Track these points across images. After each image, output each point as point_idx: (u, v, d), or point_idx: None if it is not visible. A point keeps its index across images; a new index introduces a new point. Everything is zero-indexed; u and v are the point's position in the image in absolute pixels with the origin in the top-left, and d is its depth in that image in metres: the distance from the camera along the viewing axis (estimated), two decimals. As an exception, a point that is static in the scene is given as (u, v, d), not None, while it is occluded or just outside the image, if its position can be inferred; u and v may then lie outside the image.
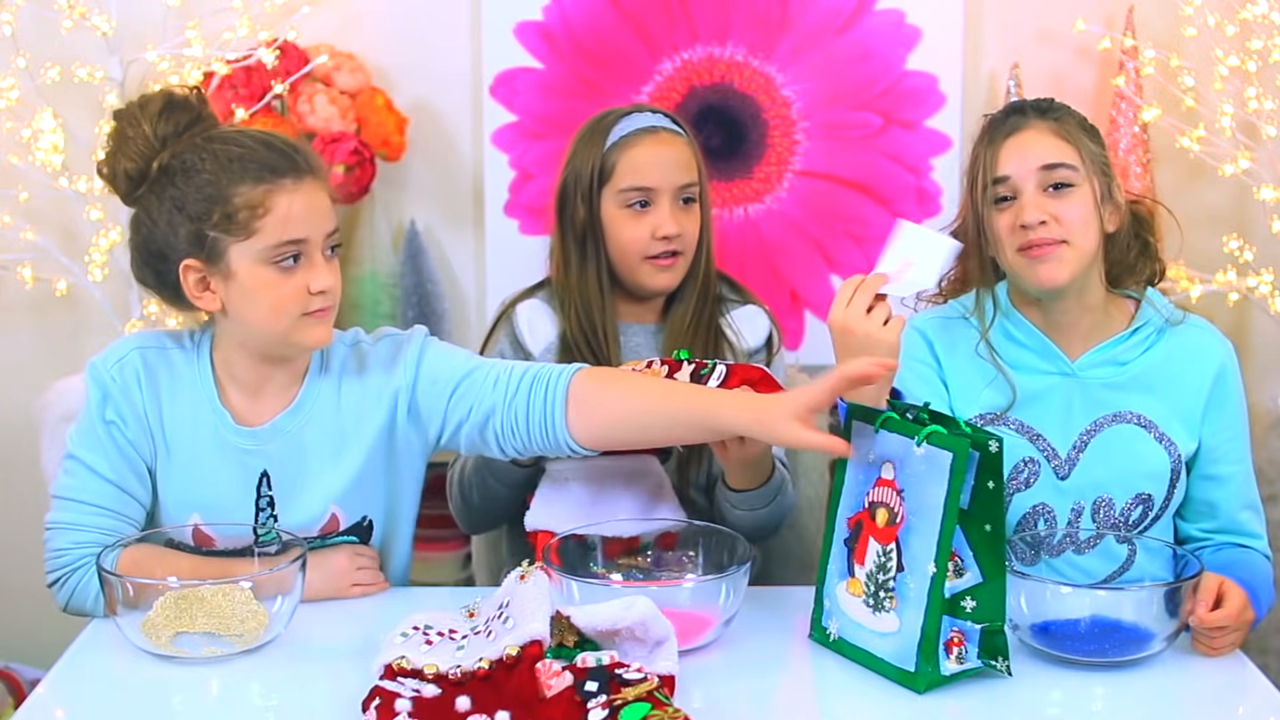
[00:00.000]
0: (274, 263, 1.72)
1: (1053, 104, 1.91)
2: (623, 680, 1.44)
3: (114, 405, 1.80)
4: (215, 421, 1.82)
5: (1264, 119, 2.70)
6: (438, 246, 2.95)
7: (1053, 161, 1.84)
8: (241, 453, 1.82)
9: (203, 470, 1.82)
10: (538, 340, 2.10)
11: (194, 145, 1.73)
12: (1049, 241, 1.83)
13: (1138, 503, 1.88)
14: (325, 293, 1.74)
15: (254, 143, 1.74)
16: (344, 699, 1.55)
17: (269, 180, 1.71)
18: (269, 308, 1.73)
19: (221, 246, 1.71)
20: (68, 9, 2.68)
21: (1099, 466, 1.87)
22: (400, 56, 2.89)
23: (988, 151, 1.87)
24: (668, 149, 2.07)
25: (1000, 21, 2.88)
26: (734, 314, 2.14)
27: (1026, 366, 1.90)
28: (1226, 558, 1.86)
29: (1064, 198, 1.84)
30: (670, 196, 2.06)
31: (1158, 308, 1.91)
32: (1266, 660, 2.69)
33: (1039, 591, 1.66)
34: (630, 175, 2.05)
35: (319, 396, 1.84)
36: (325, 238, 1.75)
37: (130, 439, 1.81)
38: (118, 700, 1.61)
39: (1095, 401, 1.88)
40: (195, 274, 1.74)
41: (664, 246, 2.05)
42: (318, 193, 1.75)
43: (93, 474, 1.80)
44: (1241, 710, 1.64)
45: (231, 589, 1.67)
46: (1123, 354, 1.89)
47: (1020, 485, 1.88)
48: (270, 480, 1.83)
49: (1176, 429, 1.88)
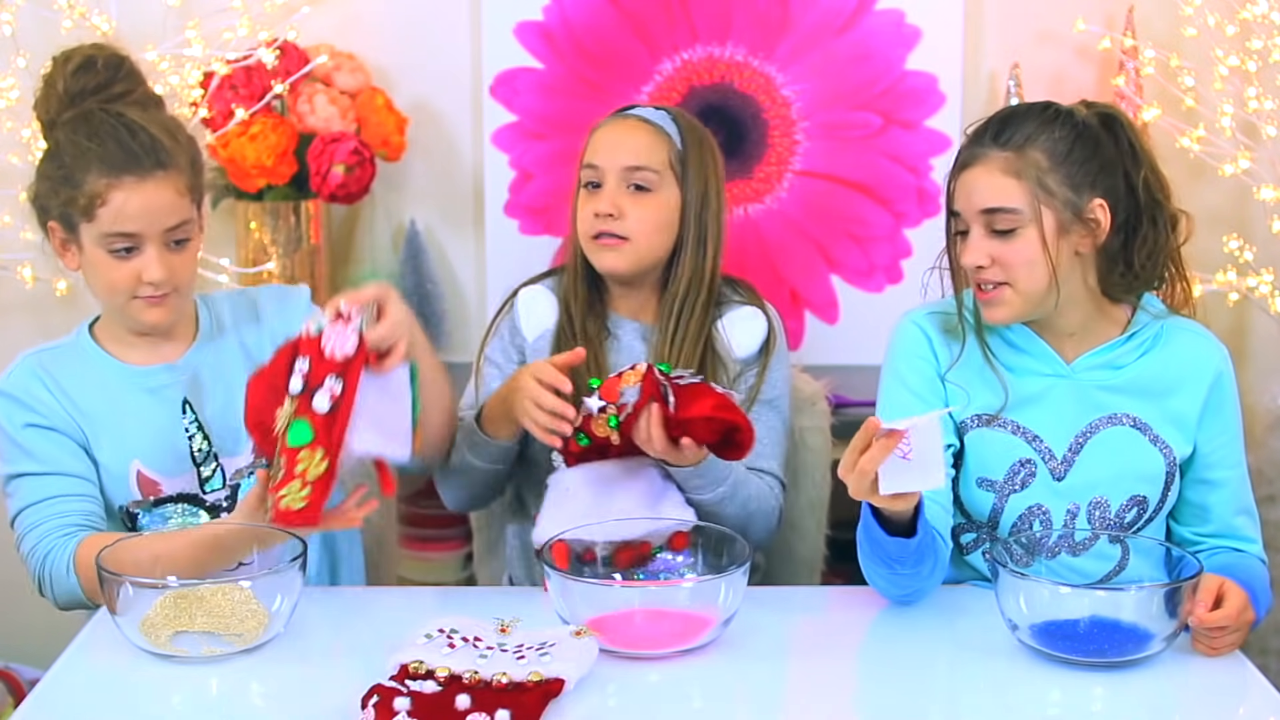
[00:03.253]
0: (108, 248, 1.85)
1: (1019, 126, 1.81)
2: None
3: (24, 408, 1.88)
4: (121, 378, 1.93)
5: (1264, 119, 2.70)
6: (438, 246, 2.95)
7: (992, 206, 1.80)
8: (155, 390, 1.93)
9: (128, 420, 1.91)
10: (533, 326, 2.10)
11: (75, 121, 1.85)
12: (991, 283, 1.82)
13: (1132, 504, 1.88)
14: (154, 283, 1.85)
15: (114, 134, 1.83)
16: (344, 699, 1.55)
17: (110, 175, 1.82)
18: (105, 285, 1.88)
19: (75, 222, 1.86)
20: (68, 9, 2.68)
21: (1095, 468, 1.87)
22: (400, 56, 2.89)
23: (949, 180, 1.86)
24: (626, 133, 2.05)
25: (1000, 21, 2.87)
26: (729, 317, 2.09)
27: (1023, 369, 1.89)
28: (1223, 561, 1.85)
29: (1007, 241, 1.80)
30: (616, 177, 2.03)
31: (1150, 311, 1.90)
32: (1266, 660, 2.69)
33: (1038, 592, 1.66)
34: (589, 153, 2.06)
35: (223, 334, 1.99)
36: (164, 232, 1.85)
37: (54, 427, 1.88)
38: (117, 700, 1.61)
39: (1091, 403, 1.87)
40: (58, 236, 1.90)
41: (601, 225, 2.02)
42: (162, 190, 1.84)
43: (30, 478, 1.87)
44: (1241, 710, 1.64)
45: (231, 589, 1.67)
46: (1119, 358, 1.88)
47: (1016, 486, 1.88)
48: (192, 406, 1.93)
49: (1171, 433, 1.88)
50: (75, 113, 1.86)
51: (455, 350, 2.96)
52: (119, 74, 1.89)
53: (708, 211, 2.07)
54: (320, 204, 2.80)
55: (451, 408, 2.01)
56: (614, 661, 1.67)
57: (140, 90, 1.92)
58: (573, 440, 1.87)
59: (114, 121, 1.84)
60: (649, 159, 2.04)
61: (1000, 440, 1.88)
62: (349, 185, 2.70)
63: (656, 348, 2.08)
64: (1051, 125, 1.81)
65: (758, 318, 2.10)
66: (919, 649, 1.63)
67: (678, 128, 2.08)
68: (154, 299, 1.87)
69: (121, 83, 1.89)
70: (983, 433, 1.88)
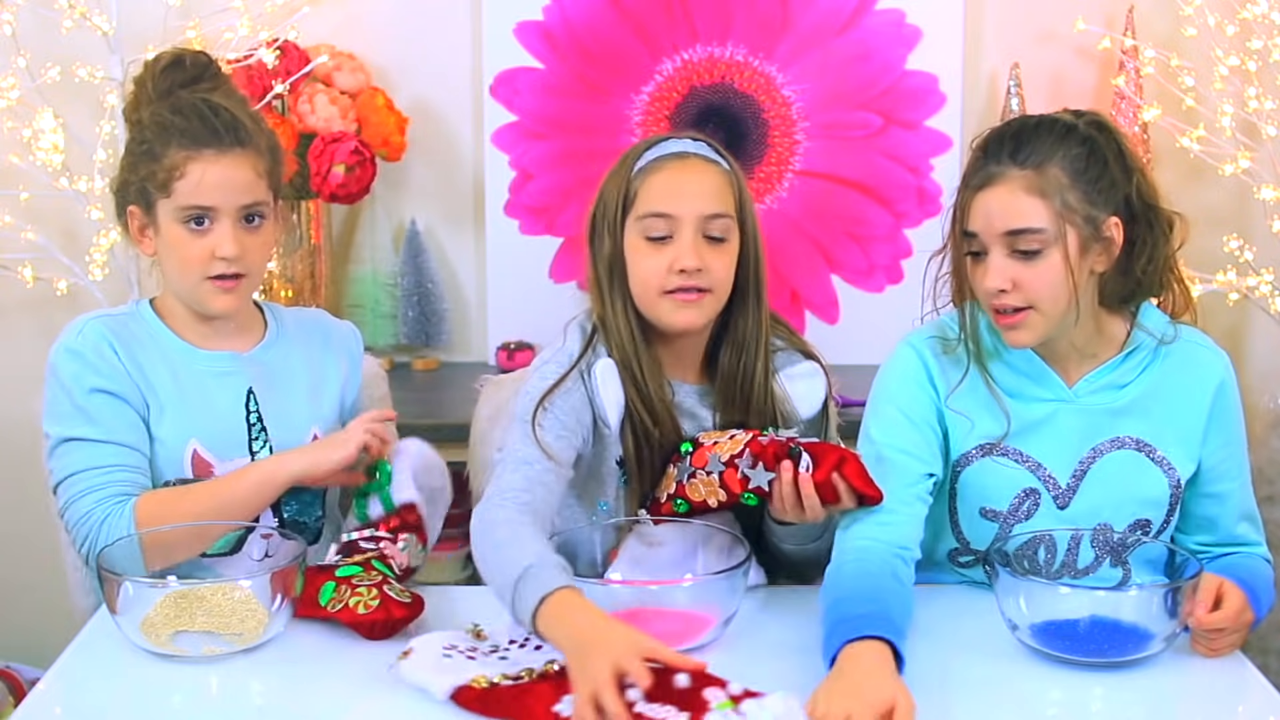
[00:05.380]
0: (185, 223, 1.86)
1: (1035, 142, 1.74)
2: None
3: (94, 371, 1.87)
4: (187, 358, 1.93)
5: (1264, 119, 2.70)
6: (438, 246, 2.95)
7: (1018, 227, 1.72)
8: (221, 375, 1.93)
9: (193, 399, 1.91)
10: (613, 406, 1.86)
11: (160, 104, 1.88)
12: (1012, 309, 1.75)
13: (1136, 528, 1.84)
14: (229, 260, 1.86)
15: (196, 111, 1.86)
16: (344, 699, 1.55)
17: (189, 148, 1.85)
18: (179, 262, 1.88)
19: (153, 200, 1.87)
20: (68, 9, 2.68)
21: (1098, 493, 1.83)
22: (400, 56, 2.89)
23: (962, 196, 1.77)
24: (696, 175, 1.86)
25: (1000, 21, 2.88)
26: (787, 373, 1.94)
27: (1024, 394, 1.84)
28: (1227, 562, 1.83)
29: (1031, 263, 1.73)
30: (693, 227, 1.83)
31: (1149, 329, 1.84)
32: (1266, 660, 2.69)
33: (1039, 592, 1.66)
34: (650, 201, 1.85)
35: (288, 339, 2.01)
36: (239, 208, 1.86)
37: (120, 394, 1.88)
38: (118, 699, 1.61)
39: (1094, 427, 1.83)
40: (137, 221, 1.91)
41: (682, 281, 1.83)
42: (239, 166, 1.86)
43: (87, 444, 1.86)
44: (1241, 710, 1.64)
45: (231, 588, 1.67)
46: (1120, 377, 1.83)
47: (1021, 517, 1.84)
48: (256, 397, 1.94)
49: (1176, 451, 1.83)
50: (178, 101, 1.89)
51: (455, 350, 2.97)
52: (206, 72, 1.93)
53: (757, 253, 1.92)
54: (321, 204, 2.80)
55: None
56: (614, 661, 1.67)
57: (227, 86, 1.95)
58: (668, 503, 1.84)
59: (198, 101, 1.88)
60: (723, 205, 1.86)
61: (1003, 470, 1.83)
62: (349, 185, 2.70)
63: (717, 407, 1.94)
64: (1066, 141, 1.74)
65: (817, 374, 1.95)
66: (919, 649, 1.63)
67: (730, 166, 1.91)
68: (225, 283, 1.87)
69: (209, 81, 1.92)
70: (985, 463, 1.84)
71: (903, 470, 1.80)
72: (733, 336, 1.91)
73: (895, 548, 1.74)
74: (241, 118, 1.88)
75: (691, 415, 1.92)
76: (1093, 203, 1.74)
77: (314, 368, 2.01)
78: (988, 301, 1.77)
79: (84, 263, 2.76)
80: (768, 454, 1.74)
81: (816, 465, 1.72)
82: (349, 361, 2.06)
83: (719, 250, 1.86)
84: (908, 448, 1.82)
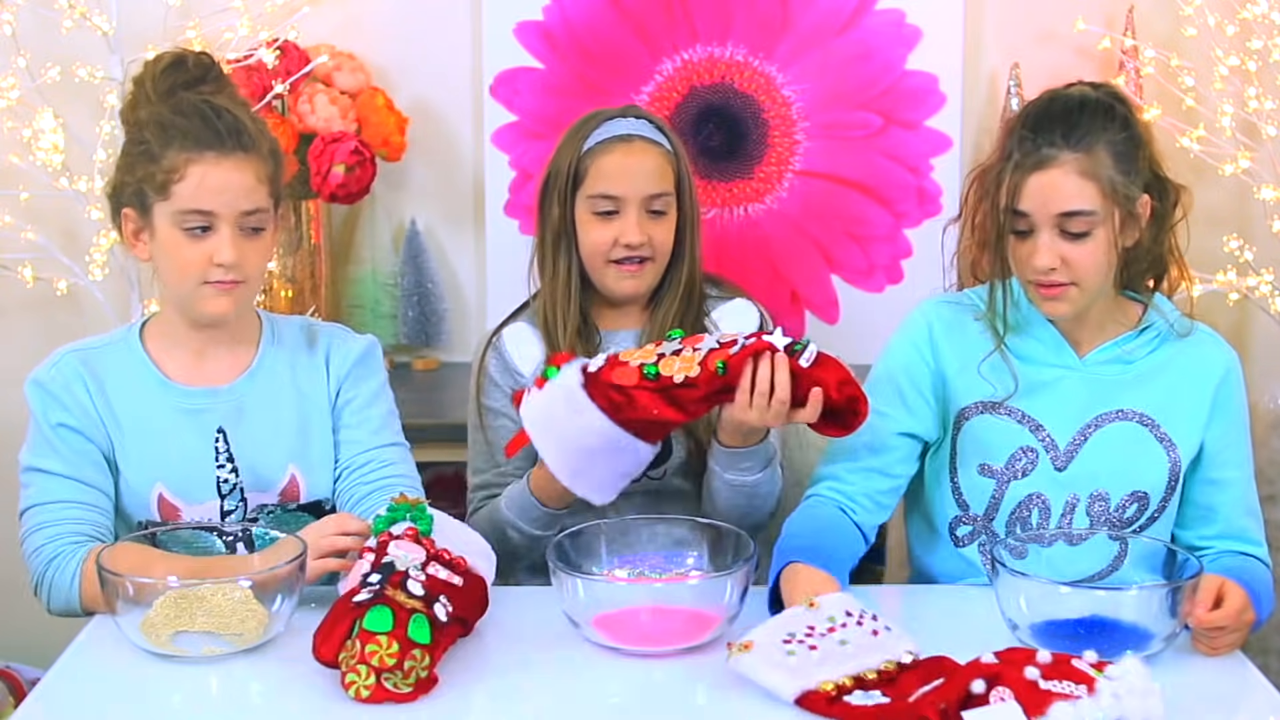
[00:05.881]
0: (183, 228, 1.82)
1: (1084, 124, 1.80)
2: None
3: (60, 406, 1.86)
4: (161, 394, 1.89)
5: (1264, 119, 2.70)
6: (438, 246, 2.95)
7: (1072, 209, 1.79)
8: (192, 413, 1.89)
9: (158, 441, 1.88)
10: (526, 362, 2.11)
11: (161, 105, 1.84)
12: (1058, 284, 1.82)
13: (1133, 500, 1.88)
14: (226, 266, 1.82)
15: (198, 112, 1.82)
16: (344, 699, 1.55)
17: (191, 150, 1.80)
18: (176, 268, 1.84)
19: (150, 203, 1.83)
20: (68, 9, 2.68)
21: (1097, 461, 1.87)
22: (400, 56, 2.89)
23: (1012, 177, 1.81)
24: (640, 159, 2.07)
25: (1000, 21, 2.88)
26: (718, 310, 2.14)
27: (1034, 358, 1.89)
28: (1227, 564, 1.85)
29: (1079, 243, 1.80)
30: (637, 206, 2.06)
31: (1165, 314, 1.90)
32: (1267, 660, 2.69)
33: (1039, 591, 1.66)
34: (599, 182, 2.07)
35: (276, 363, 1.94)
36: (239, 215, 1.82)
37: (84, 432, 1.86)
38: (118, 700, 1.61)
39: (1099, 397, 1.88)
40: (131, 224, 1.86)
41: (628, 253, 2.06)
42: (240, 171, 1.82)
43: (50, 476, 1.85)
44: (1241, 710, 1.64)
45: (231, 588, 1.67)
46: (1131, 352, 1.88)
47: (1016, 474, 1.89)
48: (227, 436, 1.89)
49: (1178, 430, 1.88)
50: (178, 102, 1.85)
51: (455, 350, 2.97)
52: (209, 73, 1.88)
53: (691, 214, 2.12)
54: (321, 204, 2.80)
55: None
56: (618, 658, 1.68)
57: (229, 88, 1.92)
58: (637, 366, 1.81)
59: (200, 102, 1.83)
60: (664, 183, 2.08)
61: (1002, 427, 1.89)
62: (349, 185, 2.70)
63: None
64: (1109, 122, 1.81)
65: (748, 307, 2.15)
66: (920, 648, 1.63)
67: (667, 139, 2.12)
68: (223, 285, 1.83)
69: (211, 83, 1.88)
70: (985, 419, 1.89)
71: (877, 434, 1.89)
72: (669, 287, 2.12)
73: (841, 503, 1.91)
74: (244, 121, 1.84)
75: None
76: (1131, 182, 1.81)
77: (304, 396, 1.94)
78: (1030, 275, 1.83)
79: (84, 263, 2.76)
80: (760, 342, 1.79)
81: (818, 363, 1.78)
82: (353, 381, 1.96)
83: (660, 222, 2.08)
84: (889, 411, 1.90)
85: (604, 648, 1.69)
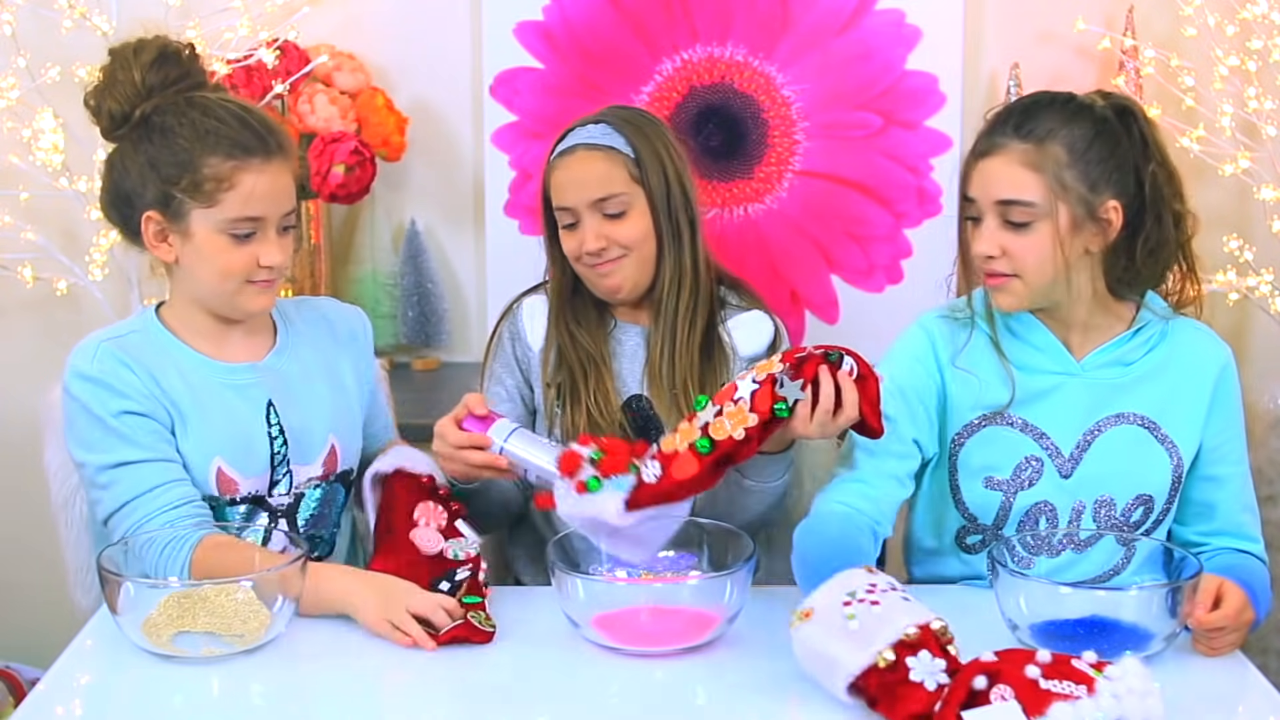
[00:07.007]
0: (230, 233, 1.81)
1: (1041, 118, 1.80)
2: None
3: (117, 394, 1.82)
4: (207, 372, 1.88)
5: (1264, 119, 2.70)
6: (438, 246, 2.95)
7: (1009, 198, 1.79)
8: (241, 389, 1.90)
9: (215, 416, 1.87)
10: (538, 335, 2.13)
11: (176, 105, 1.82)
12: (999, 274, 1.82)
13: (1139, 504, 1.88)
14: (272, 267, 1.84)
15: (231, 116, 1.82)
16: (344, 699, 1.55)
17: (238, 157, 1.80)
18: (219, 270, 1.83)
19: (185, 209, 1.81)
20: (68, 9, 2.68)
21: (1102, 466, 1.87)
22: (400, 56, 2.89)
23: (965, 165, 1.85)
24: (581, 168, 2.05)
25: (1000, 21, 2.88)
26: (733, 320, 2.11)
27: (1032, 366, 1.89)
28: (1224, 562, 1.85)
29: (1020, 234, 1.79)
30: (590, 212, 2.04)
31: (1153, 308, 1.90)
32: (1266, 660, 2.69)
33: (1039, 592, 1.66)
34: (556, 196, 2.08)
35: (298, 341, 1.97)
36: (281, 216, 1.84)
37: (149, 414, 1.83)
38: (118, 700, 1.61)
39: (1100, 401, 1.87)
40: (156, 226, 1.84)
41: (594, 260, 2.06)
42: (282, 173, 1.84)
43: (134, 466, 1.80)
44: (1241, 710, 1.65)
45: (233, 589, 1.67)
46: (1127, 354, 1.88)
47: (1023, 484, 1.88)
48: (277, 409, 1.90)
49: (1179, 430, 1.88)
50: (167, 99, 1.82)
51: (455, 350, 2.97)
52: (195, 64, 1.87)
53: (674, 203, 2.07)
54: (321, 204, 2.80)
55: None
56: (618, 658, 1.68)
57: (212, 82, 1.90)
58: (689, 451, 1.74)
59: (221, 108, 1.82)
60: (611, 186, 2.05)
61: (1006, 437, 1.88)
62: (349, 185, 2.70)
63: (651, 346, 2.09)
64: (1073, 120, 1.80)
65: (763, 320, 2.12)
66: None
67: (624, 137, 2.07)
68: (265, 284, 1.85)
69: (197, 75, 1.87)
70: (988, 431, 1.88)
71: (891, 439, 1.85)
72: (667, 276, 2.08)
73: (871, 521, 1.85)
74: (271, 122, 1.84)
75: (633, 357, 2.10)
76: (1091, 183, 1.79)
77: (329, 367, 1.99)
78: (978, 265, 1.85)
79: (84, 263, 2.76)
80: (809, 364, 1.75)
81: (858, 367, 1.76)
82: (357, 351, 2.04)
83: (620, 222, 2.05)
84: (896, 417, 1.87)
85: (604, 648, 1.69)
